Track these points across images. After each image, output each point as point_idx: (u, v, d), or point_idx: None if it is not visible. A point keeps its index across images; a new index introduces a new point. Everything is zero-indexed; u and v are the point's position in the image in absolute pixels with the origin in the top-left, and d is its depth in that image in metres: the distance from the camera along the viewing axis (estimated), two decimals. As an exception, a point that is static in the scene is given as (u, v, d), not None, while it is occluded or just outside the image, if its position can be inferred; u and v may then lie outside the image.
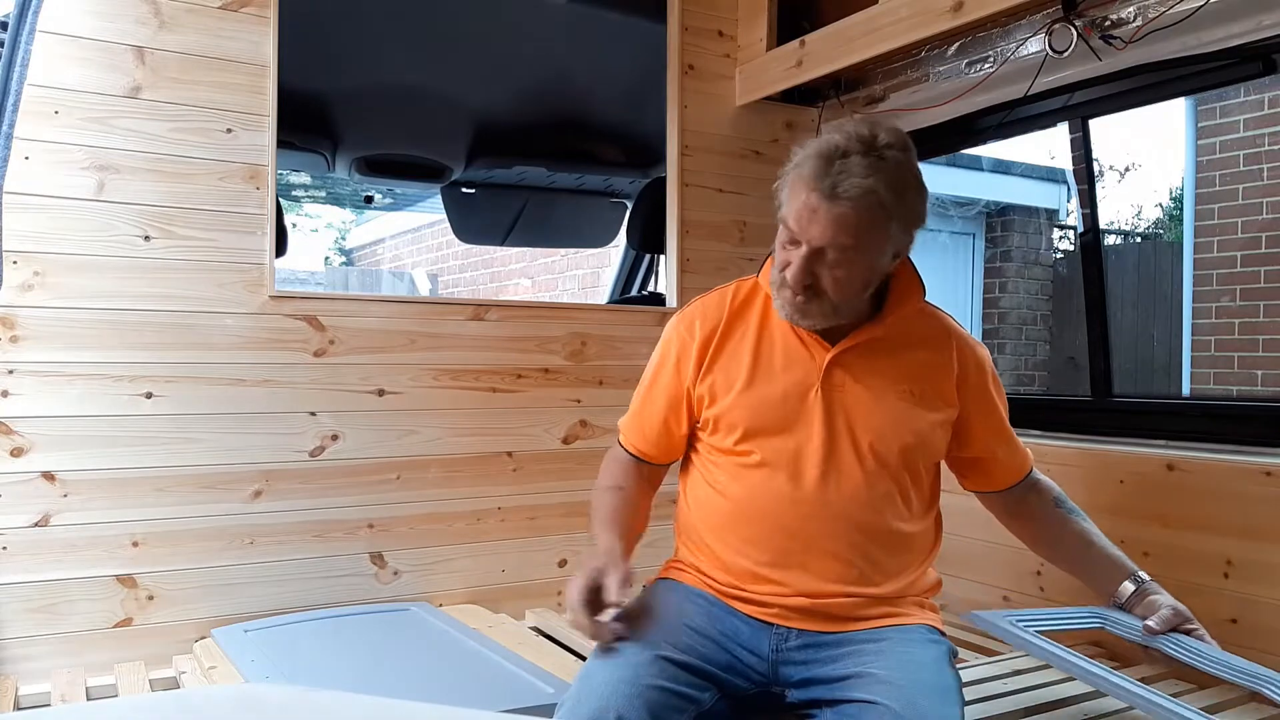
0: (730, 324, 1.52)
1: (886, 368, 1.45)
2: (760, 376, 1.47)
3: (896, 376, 1.45)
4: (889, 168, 1.33)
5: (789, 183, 1.39)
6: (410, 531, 2.26)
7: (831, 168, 1.32)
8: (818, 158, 1.34)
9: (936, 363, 1.49)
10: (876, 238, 1.36)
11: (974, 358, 1.53)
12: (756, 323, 1.51)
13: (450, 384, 2.31)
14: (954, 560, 2.42)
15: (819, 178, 1.32)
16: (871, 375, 1.45)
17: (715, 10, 2.69)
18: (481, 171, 3.14)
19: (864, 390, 1.44)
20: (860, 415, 1.43)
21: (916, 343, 1.49)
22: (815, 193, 1.32)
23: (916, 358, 1.48)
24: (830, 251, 1.34)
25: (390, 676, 1.73)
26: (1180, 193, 5.67)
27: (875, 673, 1.28)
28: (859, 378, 1.45)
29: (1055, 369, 6.29)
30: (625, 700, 1.21)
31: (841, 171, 1.31)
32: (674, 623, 1.38)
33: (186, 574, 2.01)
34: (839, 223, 1.32)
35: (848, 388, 1.44)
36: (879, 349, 1.46)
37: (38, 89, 1.85)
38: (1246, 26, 1.82)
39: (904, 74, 2.40)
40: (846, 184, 1.31)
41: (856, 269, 1.37)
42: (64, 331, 1.91)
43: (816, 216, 1.33)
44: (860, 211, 1.32)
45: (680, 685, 1.28)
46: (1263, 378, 4.69)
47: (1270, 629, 1.77)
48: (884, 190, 1.32)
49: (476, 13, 2.55)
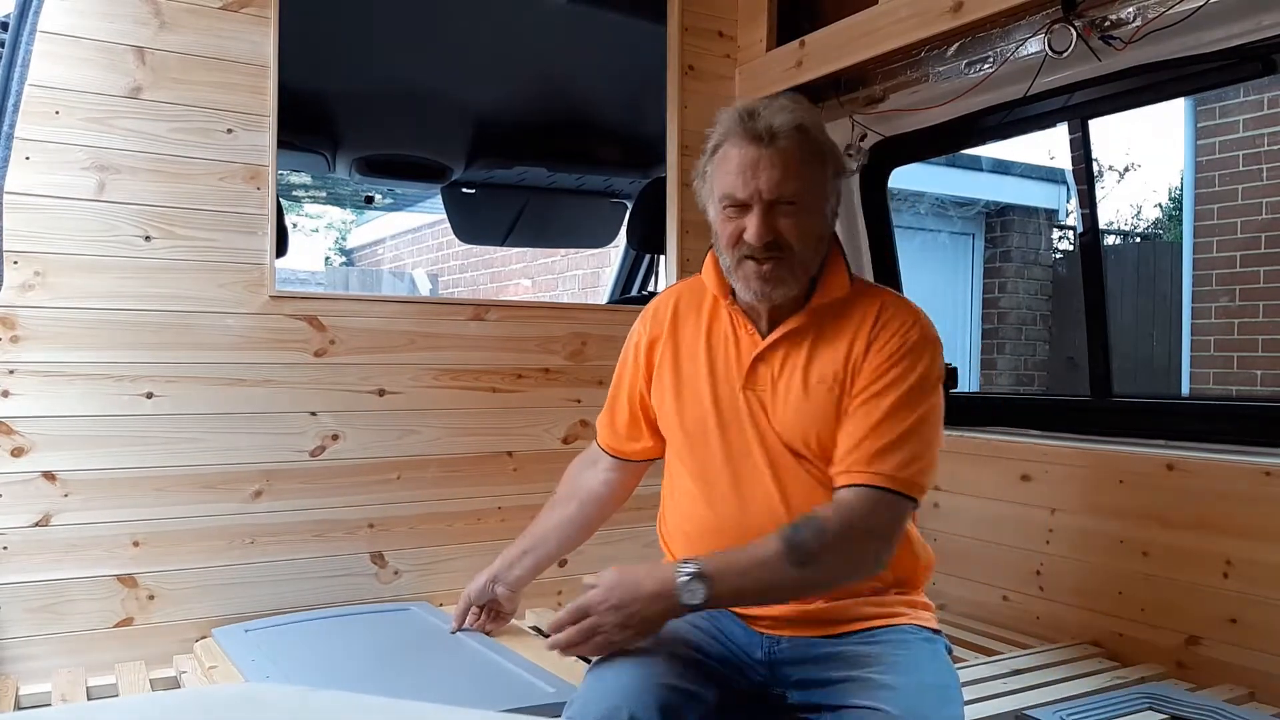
0: (677, 321, 1.53)
1: (807, 359, 1.40)
2: (698, 385, 1.47)
3: (816, 366, 1.40)
4: (804, 108, 1.37)
5: (715, 161, 1.40)
6: (410, 531, 2.26)
7: (756, 120, 1.34)
8: (739, 120, 1.36)
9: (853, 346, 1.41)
10: (819, 178, 1.37)
11: (888, 336, 1.39)
12: (704, 325, 1.50)
13: (450, 384, 2.31)
14: (954, 560, 2.43)
15: (749, 131, 1.34)
16: (793, 369, 1.41)
17: (715, 10, 2.69)
18: (481, 171, 3.15)
19: (784, 385, 1.41)
20: (779, 412, 1.40)
21: (841, 328, 1.42)
22: (752, 144, 1.34)
23: (837, 344, 1.41)
24: (784, 199, 1.34)
25: (391, 675, 1.74)
26: (1180, 193, 5.68)
27: (873, 677, 1.28)
28: (780, 373, 1.41)
29: (1055, 369, 6.29)
30: (636, 698, 1.20)
31: (766, 117, 1.34)
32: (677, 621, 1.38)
33: (187, 574, 2.01)
34: (785, 163, 1.33)
35: (770, 385, 1.42)
36: (802, 339, 1.41)
37: (38, 89, 1.85)
38: (1246, 26, 1.82)
39: (904, 74, 2.40)
40: (777, 122, 1.33)
41: (810, 217, 1.37)
42: (64, 331, 1.90)
43: (760, 165, 1.33)
44: (799, 148, 1.34)
45: (688, 683, 1.28)
46: (1262, 378, 4.69)
47: (1270, 629, 1.77)
48: (811, 126, 1.36)
49: (477, 13, 2.55)
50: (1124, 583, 2.03)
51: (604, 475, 1.68)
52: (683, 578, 1.23)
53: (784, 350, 1.42)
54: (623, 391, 1.60)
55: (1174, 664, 1.91)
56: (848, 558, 1.30)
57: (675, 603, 1.24)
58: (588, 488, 1.69)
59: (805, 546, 1.25)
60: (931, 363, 1.39)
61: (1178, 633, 1.92)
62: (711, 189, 1.41)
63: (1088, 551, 2.11)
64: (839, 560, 1.29)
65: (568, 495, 1.71)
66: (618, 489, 1.68)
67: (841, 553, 1.28)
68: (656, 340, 1.54)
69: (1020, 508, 2.27)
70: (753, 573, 1.26)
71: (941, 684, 1.31)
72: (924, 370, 1.37)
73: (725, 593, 1.26)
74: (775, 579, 1.27)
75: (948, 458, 2.45)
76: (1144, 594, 1.99)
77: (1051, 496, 2.20)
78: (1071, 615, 2.13)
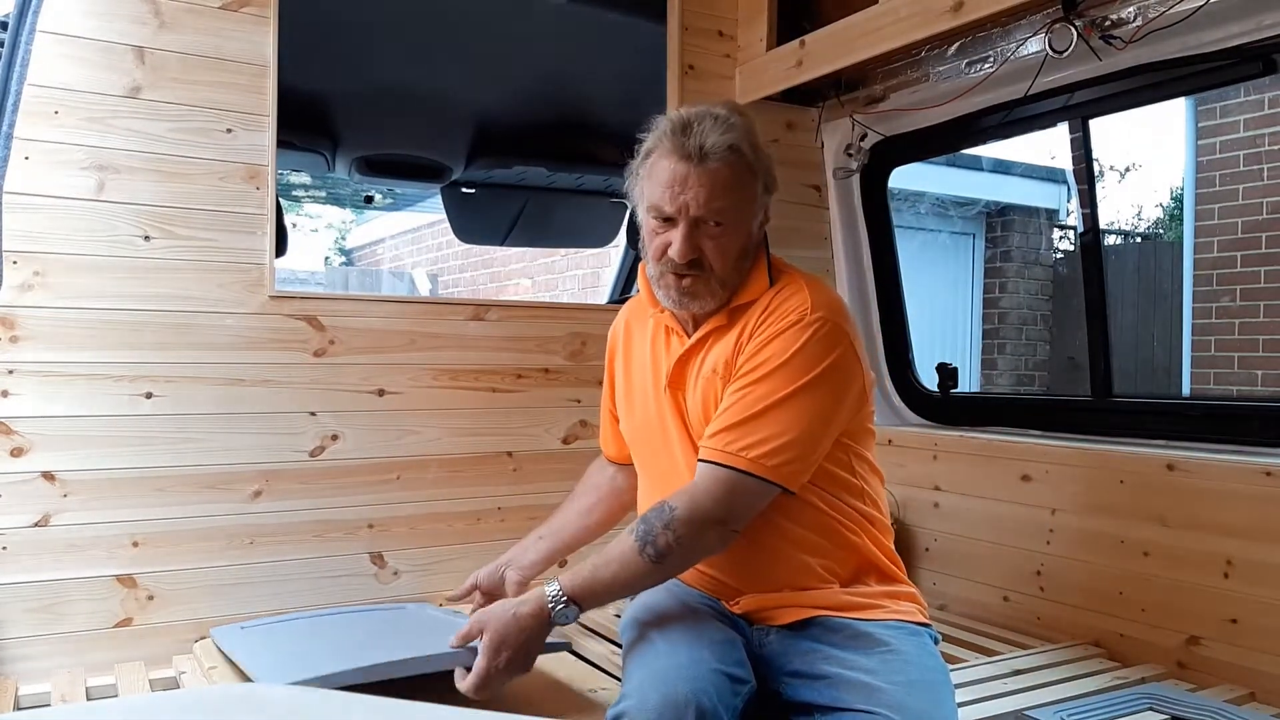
0: (628, 336, 1.62)
1: (722, 355, 1.42)
2: (642, 390, 1.55)
3: (714, 361, 1.43)
4: (740, 126, 1.37)
5: (647, 168, 1.41)
6: (410, 531, 2.26)
7: (689, 136, 1.34)
8: (672, 134, 1.36)
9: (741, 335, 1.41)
10: (747, 197, 1.39)
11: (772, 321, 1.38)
12: (648, 336, 1.57)
13: (450, 384, 2.31)
14: (954, 560, 2.43)
15: (680, 147, 1.34)
16: (708, 366, 1.43)
17: (715, 10, 2.69)
18: (481, 171, 3.14)
19: (701, 382, 1.44)
20: (691, 408, 1.45)
21: (742, 323, 1.42)
22: (682, 161, 1.34)
23: (732, 338, 1.42)
24: (709, 219, 1.36)
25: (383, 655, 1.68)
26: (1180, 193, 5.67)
27: (862, 678, 1.27)
28: (697, 372, 1.45)
29: (1055, 369, 6.29)
30: (692, 684, 1.21)
31: (699, 135, 1.34)
32: (705, 609, 1.42)
33: (186, 574, 2.01)
34: (712, 183, 1.34)
35: (686, 383, 1.46)
36: (721, 337, 1.44)
37: (38, 89, 1.85)
38: (1246, 26, 1.82)
39: (904, 74, 2.40)
40: (710, 143, 1.33)
41: (735, 235, 1.38)
42: (64, 331, 1.90)
43: (689, 183, 1.34)
44: (729, 168, 1.35)
45: (732, 667, 1.30)
46: (1263, 378, 4.69)
47: (1271, 629, 1.77)
48: (744, 146, 1.36)
49: (476, 12, 2.55)
50: (1124, 583, 2.03)
51: (614, 474, 1.76)
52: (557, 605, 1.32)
53: (702, 350, 1.46)
54: (605, 404, 1.73)
55: (1174, 664, 1.91)
56: (694, 544, 1.32)
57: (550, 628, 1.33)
58: (602, 484, 1.76)
59: (658, 543, 1.30)
60: (811, 343, 1.34)
61: (1178, 633, 1.92)
62: (640, 194, 1.43)
63: (1088, 552, 2.11)
64: (688, 548, 1.32)
65: (584, 491, 1.78)
66: (628, 483, 1.73)
67: (690, 540, 1.31)
68: (614, 355, 1.66)
69: (1021, 508, 2.27)
70: (619, 585, 1.33)
71: (932, 681, 1.31)
72: (800, 350, 1.34)
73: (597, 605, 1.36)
74: (635, 577, 1.33)
75: (948, 458, 2.47)
76: (1144, 594, 1.99)
77: (1052, 497, 2.20)
78: (1072, 615, 2.13)
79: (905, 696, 1.23)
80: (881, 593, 1.44)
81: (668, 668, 1.24)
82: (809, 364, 1.33)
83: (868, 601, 1.41)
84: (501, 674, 1.31)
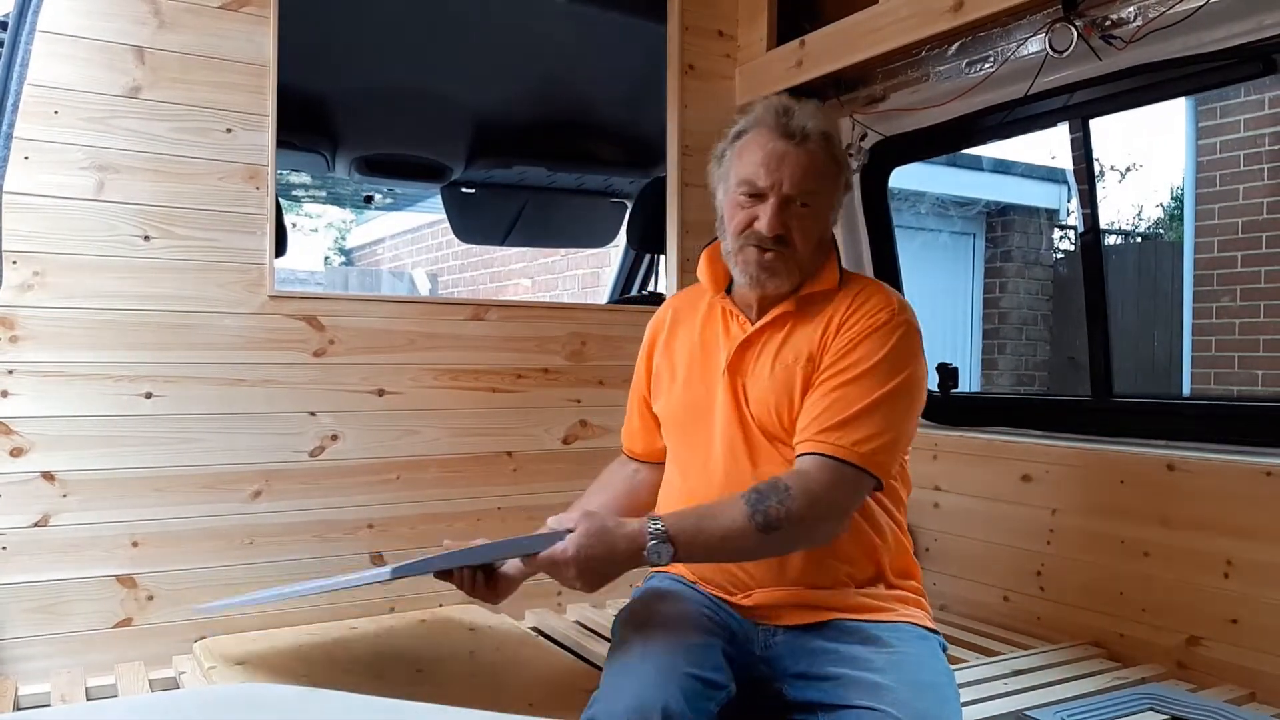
0: (674, 324, 1.60)
1: (782, 342, 1.45)
2: (689, 376, 1.54)
3: (789, 348, 1.44)
4: (831, 119, 1.44)
5: (738, 148, 1.45)
6: (410, 531, 2.26)
7: (790, 117, 1.40)
8: (769, 113, 1.41)
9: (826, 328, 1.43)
10: (833, 186, 1.44)
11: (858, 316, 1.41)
12: (699, 321, 1.56)
13: (450, 384, 2.31)
14: (954, 560, 2.43)
15: (782, 126, 1.39)
16: (769, 352, 1.45)
17: (715, 10, 2.69)
18: (481, 171, 3.14)
19: (760, 368, 1.45)
20: (754, 394, 1.45)
21: (820, 313, 1.45)
22: (782, 139, 1.39)
23: (813, 327, 1.44)
24: (799, 198, 1.39)
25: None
26: (1181, 192, 5.67)
27: (869, 677, 1.28)
28: (759, 357, 1.46)
29: (1055, 369, 6.29)
30: (662, 688, 1.20)
31: (798, 117, 1.39)
32: (692, 611, 1.41)
33: (186, 574, 2.01)
34: (808, 164, 1.39)
35: (749, 367, 1.46)
36: (783, 325, 1.46)
37: (37, 89, 1.85)
38: (1247, 26, 1.82)
39: (904, 74, 2.40)
40: (810, 126, 1.39)
41: (817, 220, 1.43)
42: (64, 331, 1.90)
43: (785, 160, 1.38)
44: (823, 152, 1.40)
45: (708, 671, 1.28)
46: (1263, 378, 4.69)
47: (1271, 629, 1.77)
48: (834, 135, 1.43)
49: (476, 13, 2.54)
50: (1125, 583, 2.03)
51: (635, 471, 1.73)
52: (651, 540, 1.25)
53: (766, 336, 1.47)
54: (634, 398, 1.69)
55: (1175, 664, 1.91)
56: (806, 527, 1.32)
57: (640, 562, 1.26)
58: (618, 482, 1.73)
59: (770, 514, 1.28)
60: (900, 345, 1.39)
61: (1178, 633, 1.91)
62: (727, 173, 1.46)
63: (1088, 552, 2.11)
64: (798, 529, 1.31)
65: (600, 486, 1.74)
66: (647, 482, 1.70)
67: (801, 521, 1.30)
68: (654, 344, 1.63)
69: (1021, 508, 2.27)
70: (718, 539, 1.29)
71: (938, 682, 1.31)
72: (891, 351, 1.38)
73: (688, 557, 1.29)
74: (739, 545, 1.30)
75: (948, 458, 2.46)
76: (1145, 594, 1.99)
77: (1052, 497, 2.20)
78: (1072, 615, 2.13)
79: (912, 696, 1.23)
80: (893, 596, 1.44)
81: (639, 673, 1.24)
82: (900, 364, 1.38)
83: (879, 604, 1.42)
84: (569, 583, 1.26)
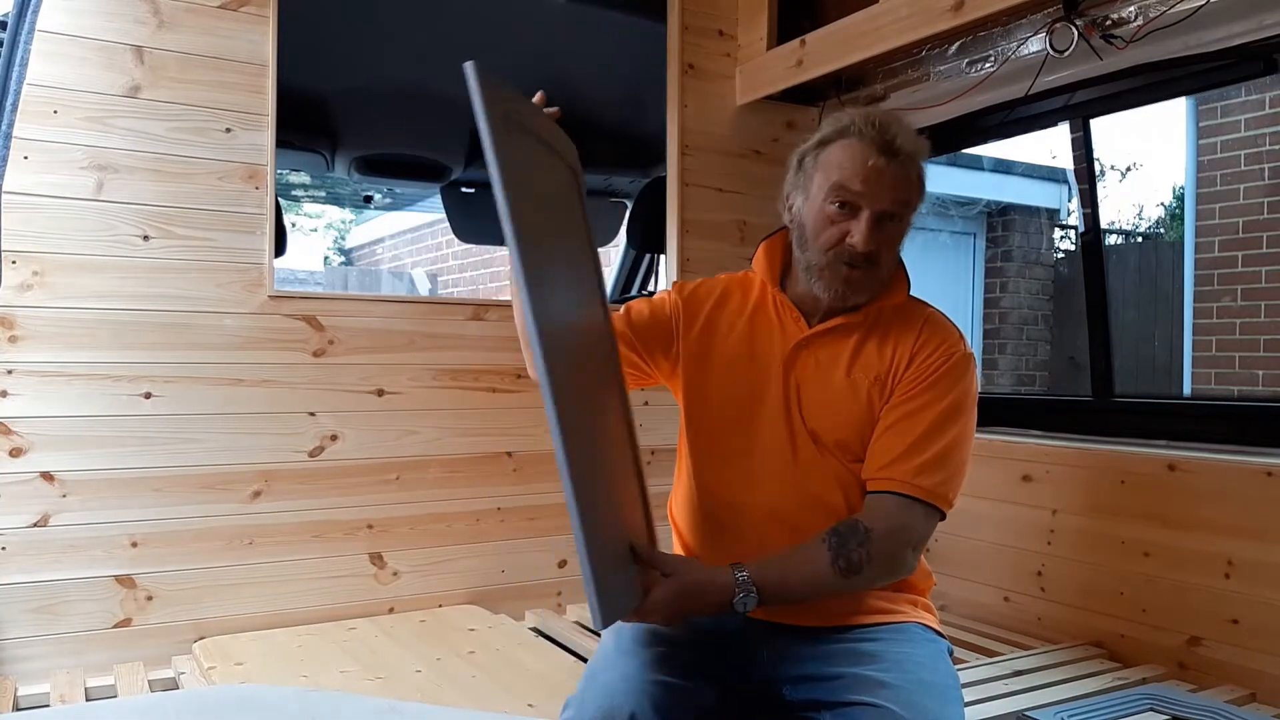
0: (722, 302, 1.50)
1: (852, 354, 1.42)
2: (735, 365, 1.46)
3: (853, 363, 1.42)
4: (923, 141, 1.39)
5: (826, 154, 1.38)
6: (410, 532, 2.25)
7: (884, 131, 1.35)
8: (865, 123, 1.36)
9: (895, 354, 1.43)
10: (917, 202, 1.40)
11: (930, 351, 1.42)
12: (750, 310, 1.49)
13: (450, 384, 2.31)
14: (955, 561, 2.43)
15: (878, 140, 1.34)
16: (836, 361, 1.43)
17: (715, 10, 2.69)
18: (481, 171, 3.14)
19: (820, 374, 1.42)
20: (809, 398, 1.42)
21: (888, 332, 1.44)
22: (880, 154, 1.34)
23: (883, 347, 1.43)
24: (891, 215, 1.36)
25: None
26: (1181, 192, 5.67)
27: (873, 674, 1.27)
28: (822, 363, 1.43)
29: (1056, 369, 6.28)
30: (631, 697, 1.19)
31: (895, 133, 1.35)
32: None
33: (186, 574, 2.01)
34: (904, 179, 1.35)
35: (807, 370, 1.43)
36: (850, 335, 1.44)
37: (37, 89, 1.85)
38: (1247, 26, 1.82)
39: (905, 73, 2.40)
40: (902, 141, 1.34)
41: (900, 234, 1.40)
42: (63, 331, 1.90)
43: (884, 177, 1.34)
44: (915, 171, 1.37)
45: (684, 679, 1.27)
46: (1263, 378, 4.68)
47: (1271, 630, 1.77)
48: (922, 158, 1.39)
49: (476, 12, 2.54)
50: (1125, 583, 2.02)
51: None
52: (740, 593, 1.26)
53: (830, 341, 1.44)
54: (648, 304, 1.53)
55: (1175, 665, 1.91)
56: (887, 565, 1.33)
57: (726, 610, 1.27)
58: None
59: (852, 559, 1.29)
60: (970, 383, 1.42)
61: (1179, 633, 1.91)
62: (811, 178, 1.40)
63: (1089, 552, 2.11)
64: (880, 568, 1.32)
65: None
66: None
67: (882, 561, 1.32)
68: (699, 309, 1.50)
69: (1022, 508, 2.27)
70: (801, 584, 1.30)
71: (942, 684, 1.30)
72: (962, 390, 1.40)
73: (770, 602, 1.29)
74: (822, 590, 1.32)
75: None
76: (1145, 595, 1.98)
77: (1053, 497, 2.20)
78: (1073, 616, 2.13)
79: (915, 694, 1.23)
80: (904, 599, 1.44)
81: (611, 680, 1.23)
82: (970, 403, 1.41)
83: (889, 606, 1.41)
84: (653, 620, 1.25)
